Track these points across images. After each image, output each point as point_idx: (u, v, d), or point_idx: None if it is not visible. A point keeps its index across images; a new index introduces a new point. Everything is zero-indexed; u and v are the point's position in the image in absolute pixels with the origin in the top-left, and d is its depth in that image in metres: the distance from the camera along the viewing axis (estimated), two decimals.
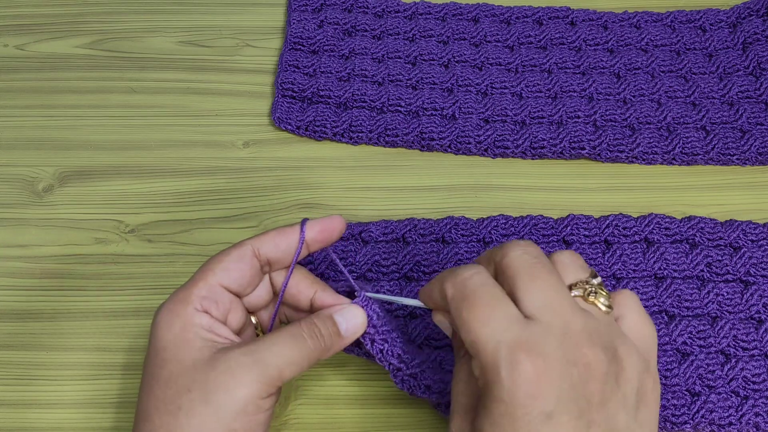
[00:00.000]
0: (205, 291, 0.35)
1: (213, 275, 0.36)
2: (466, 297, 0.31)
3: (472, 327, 0.30)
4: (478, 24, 0.60)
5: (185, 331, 0.34)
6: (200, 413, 0.32)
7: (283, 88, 0.55)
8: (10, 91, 0.57)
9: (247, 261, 0.37)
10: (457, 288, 0.32)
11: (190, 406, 0.32)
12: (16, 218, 0.50)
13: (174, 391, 0.33)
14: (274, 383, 0.33)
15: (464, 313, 0.31)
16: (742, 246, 0.47)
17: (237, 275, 0.36)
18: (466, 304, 0.31)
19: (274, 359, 0.33)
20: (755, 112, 0.53)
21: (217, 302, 0.36)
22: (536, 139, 0.52)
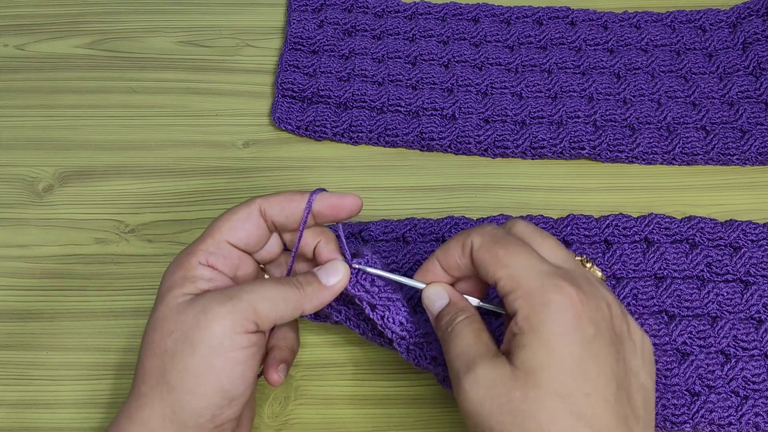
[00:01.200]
0: (212, 247, 0.36)
1: (220, 233, 0.37)
2: (499, 241, 0.34)
3: (511, 263, 0.33)
4: (478, 24, 0.60)
5: (183, 279, 0.35)
6: (182, 352, 0.33)
7: (283, 88, 0.55)
8: (10, 91, 0.57)
9: (254, 221, 0.37)
10: (486, 236, 0.35)
11: (174, 347, 0.33)
12: (16, 218, 0.50)
13: (159, 334, 0.34)
14: (248, 317, 0.34)
15: (501, 252, 0.33)
16: (742, 246, 0.47)
17: (243, 234, 0.37)
18: (500, 246, 0.34)
19: (247, 294, 0.34)
20: (755, 112, 0.53)
21: (225, 258, 0.37)
22: (536, 139, 0.52)
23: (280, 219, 0.38)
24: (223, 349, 0.33)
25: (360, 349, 0.44)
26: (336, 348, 0.44)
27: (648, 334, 0.43)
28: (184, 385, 0.33)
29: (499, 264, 0.33)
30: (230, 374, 0.33)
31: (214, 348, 0.33)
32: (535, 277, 0.32)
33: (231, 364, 0.33)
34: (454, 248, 0.36)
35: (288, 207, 0.38)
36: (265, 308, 0.34)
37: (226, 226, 0.37)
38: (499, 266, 0.33)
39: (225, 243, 0.37)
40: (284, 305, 0.35)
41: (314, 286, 0.37)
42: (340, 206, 0.38)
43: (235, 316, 0.33)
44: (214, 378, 0.33)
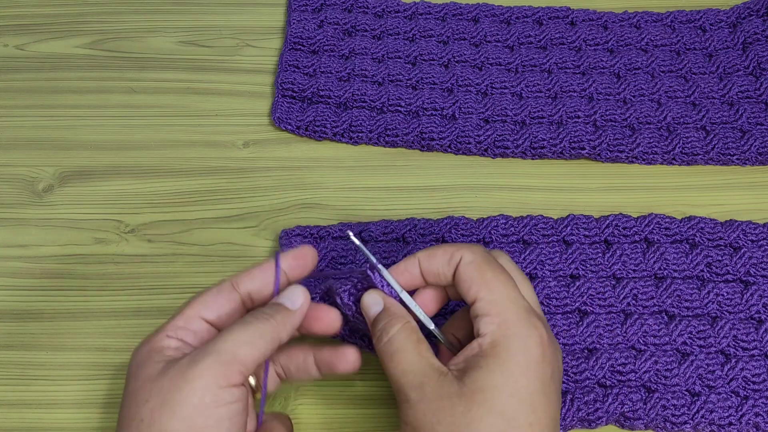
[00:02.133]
0: (181, 322, 0.35)
1: (190, 308, 0.36)
2: (490, 263, 0.35)
3: (496, 288, 0.34)
4: (478, 24, 0.60)
5: (151, 352, 0.34)
6: (159, 418, 0.31)
7: (283, 88, 0.55)
8: (10, 91, 0.57)
9: (225, 294, 0.37)
10: (478, 255, 0.36)
11: (150, 415, 0.32)
12: (16, 218, 0.50)
13: (134, 406, 0.32)
14: (230, 368, 0.32)
15: (489, 274, 0.35)
16: (742, 246, 0.47)
17: (215, 305, 0.36)
18: (490, 269, 0.35)
19: (224, 344, 0.33)
20: (755, 112, 0.53)
21: (195, 332, 0.35)
22: (536, 139, 0.52)
23: (254, 285, 0.37)
24: (205, 406, 0.31)
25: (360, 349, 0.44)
26: None
27: (648, 334, 0.43)
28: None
29: (485, 285, 0.34)
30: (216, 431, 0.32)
31: (196, 407, 0.31)
32: (515, 309, 0.34)
33: (215, 421, 0.32)
34: (440, 256, 0.36)
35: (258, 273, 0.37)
36: (246, 352, 0.33)
37: (198, 301, 0.36)
38: (484, 287, 0.34)
39: (196, 318, 0.36)
40: (263, 342, 0.34)
41: (282, 313, 0.35)
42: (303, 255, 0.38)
43: (217, 370, 0.32)
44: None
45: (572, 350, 0.43)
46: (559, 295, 0.45)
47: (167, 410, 0.31)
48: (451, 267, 0.36)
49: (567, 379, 0.42)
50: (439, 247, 0.37)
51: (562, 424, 0.40)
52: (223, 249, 0.48)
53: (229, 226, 0.49)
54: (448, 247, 0.36)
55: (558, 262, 0.46)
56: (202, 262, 0.48)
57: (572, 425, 0.41)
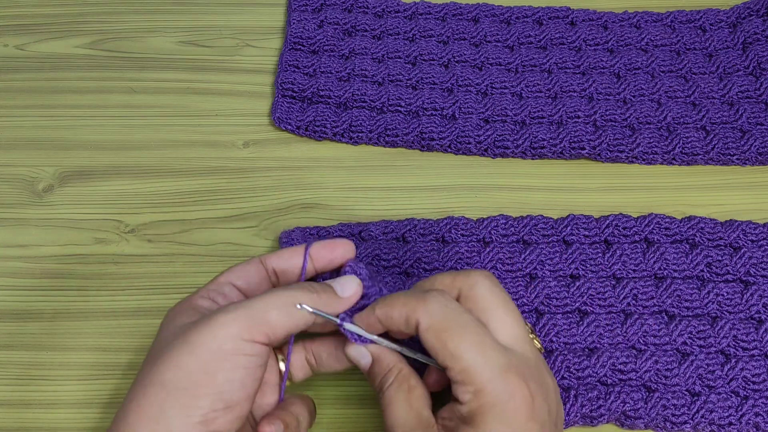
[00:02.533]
0: (213, 286, 0.37)
1: (221, 276, 0.37)
2: (449, 327, 0.32)
3: (463, 355, 0.32)
4: (478, 24, 0.60)
5: (183, 308, 0.35)
6: (178, 354, 0.32)
7: (283, 88, 0.55)
8: (10, 91, 0.57)
9: (253, 264, 0.38)
10: (434, 318, 0.33)
11: (170, 350, 0.32)
12: (16, 218, 0.50)
13: (158, 347, 0.33)
14: (257, 326, 0.32)
15: (450, 344, 0.32)
16: (742, 246, 0.47)
17: (243, 274, 0.37)
18: (450, 335, 0.32)
19: (258, 302, 0.33)
20: (755, 112, 0.53)
21: (224, 294, 0.36)
22: (536, 139, 0.52)
23: (280, 264, 0.38)
24: (223, 352, 0.32)
25: None
26: None
27: (648, 334, 0.43)
28: (176, 382, 0.31)
29: (448, 355, 0.32)
30: (229, 376, 0.32)
31: (214, 351, 0.32)
32: (488, 373, 0.31)
33: (230, 366, 0.32)
34: (396, 318, 0.34)
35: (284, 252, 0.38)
36: (278, 316, 0.33)
37: (226, 270, 0.38)
38: (448, 357, 0.32)
39: (225, 282, 0.37)
40: (298, 313, 0.34)
41: (328, 294, 0.35)
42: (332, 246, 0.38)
43: (243, 323, 0.32)
44: (209, 378, 0.31)
45: (573, 348, 0.43)
46: (559, 295, 0.45)
47: (186, 349, 0.32)
48: (410, 328, 0.33)
49: (569, 376, 0.42)
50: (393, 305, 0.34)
51: (565, 419, 0.40)
52: (223, 249, 0.48)
53: (229, 226, 0.49)
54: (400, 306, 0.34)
55: (558, 262, 0.46)
56: (202, 262, 0.48)
57: (575, 421, 0.41)
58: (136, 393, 0.32)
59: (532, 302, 0.44)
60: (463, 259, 0.46)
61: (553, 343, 0.43)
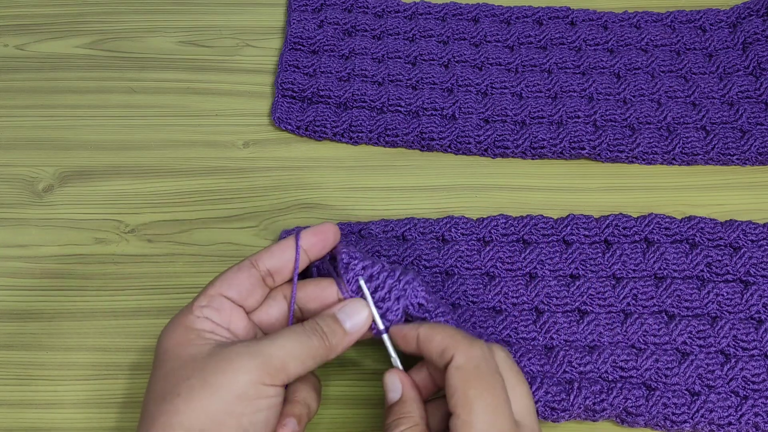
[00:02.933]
0: (205, 301, 0.36)
1: (212, 287, 0.37)
2: (481, 376, 0.33)
3: (476, 410, 0.32)
4: (478, 24, 0.60)
5: (186, 333, 0.34)
6: (199, 396, 0.31)
7: (283, 88, 0.55)
8: (10, 91, 0.57)
9: (245, 270, 0.37)
10: (471, 362, 0.33)
11: (189, 392, 0.32)
12: (16, 218, 0.50)
13: (173, 382, 0.32)
14: (277, 374, 0.33)
15: (471, 392, 0.32)
16: (742, 246, 0.47)
17: (235, 283, 0.37)
18: (478, 383, 0.32)
19: (277, 351, 0.33)
20: (755, 112, 0.53)
21: (219, 310, 0.36)
22: (536, 139, 0.52)
23: (273, 263, 0.38)
24: (247, 397, 0.32)
25: (360, 349, 0.44)
26: None
27: (648, 333, 0.43)
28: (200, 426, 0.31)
29: (465, 402, 0.32)
30: (252, 418, 0.32)
31: (238, 396, 0.32)
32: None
33: (253, 409, 0.32)
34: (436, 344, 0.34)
35: (277, 250, 0.38)
36: (295, 366, 0.34)
37: (218, 280, 0.37)
38: (463, 404, 0.32)
39: (218, 296, 0.36)
40: (312, 362, 0.35)
41: (338, 336, 0.36)
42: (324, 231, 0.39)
43: (263, 371, 0.32)
44: (233, 420, 0.31)
45: (574, 345, 0.43)
46: (559, 295, 0.45)
47: (208, 390, 0.32)
48: (442, 361, 0.34)
49: (571, 370, 0.42)
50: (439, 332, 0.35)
51: (568, 410, 0.40)
52: (223, 249, 0.48)
53: (229, 226, 0.49)
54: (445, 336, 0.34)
55: (558, 262, 0.46)
56: (202, 262, 0.48)
57: (577, 413, 0.40)
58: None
59: (532, 301, 0.44)
60: (463, 258, 0.46)
61: (553, 339, 0.43)
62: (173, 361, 0.33)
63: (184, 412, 0.31)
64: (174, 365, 0.33)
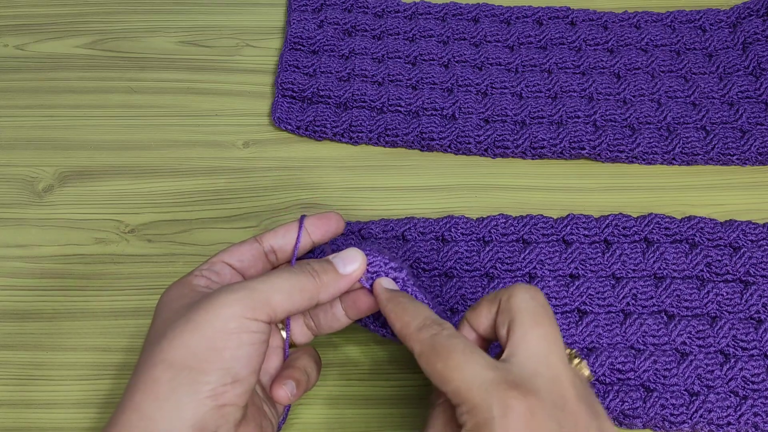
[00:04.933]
0: (206, 266, 0.37)
1: (214, 256, 0.38)
2: (437, 352, 0.32)
3: (451, 376, 0.31)
4: (478, 24, 0.60)
5: (182, 288, 0.35)
6: (181, 334, 0.32)
7: (283, 88, 0.55)
8: (10, 91, 0.57)
9: (248, 244, 0.38)
10: (423, 345, 0.33)
11: (173, 330, 0.32)
12: (16, 218, 0.50)
13: (162, 327, 0.33)
14: (260, 306, 0.33)
15: (439, 365, 0.31)
16: (742, 246, 0.47)
17: (236, 253, 0.38)
18: (438, 358, 0.32)
19: (261, 284, 0.34)
20: (755, 112, 0.53)
21: (218, 273, 0.37)
22: (536, 139, 0.52)
23: (277, 241, 0.38)
24: (228, 330, 0.32)
25: (360, 349, 0.44)
26: (336, 348, 0.44)
27: (647, 333, 0.43)
28: (183, 360, 0.31)
29: (441, 378, 0.31)
30: (234, 353, 0.32)
31: (219, 329, 0.32)
32: (479, 389, 0.30)
33: (236, 344, 0.32)
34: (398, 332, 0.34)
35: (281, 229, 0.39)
36: (280, 299, 0.33)
37: (221, 251, 0.38)
38: (441, 381, 0.31)
39: (219, 262, 0.37)
40: (299, 296, 0.34)
41: (330, 274, 0.36)
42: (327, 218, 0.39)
43: (246, 304, 0.33)
44: (215, 354, 0.32)
45: (572, 347, 0.43)
46: (559, 295, 0.45)
47: (190, 327, 0.32)
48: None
49: None
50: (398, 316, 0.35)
51: None
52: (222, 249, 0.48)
53: (229, 226, 0.49)
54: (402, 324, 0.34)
55: (558, 262, 0.46)
56: (202, 262, 0.48)
57: None
58: (142, 373, 0.32)
59: None
60: (463, 258, 0.46)
61: None
62: (165, 313, 0.34)
63: (168, 349, 0.32)
64: (165, 315, 0.34)
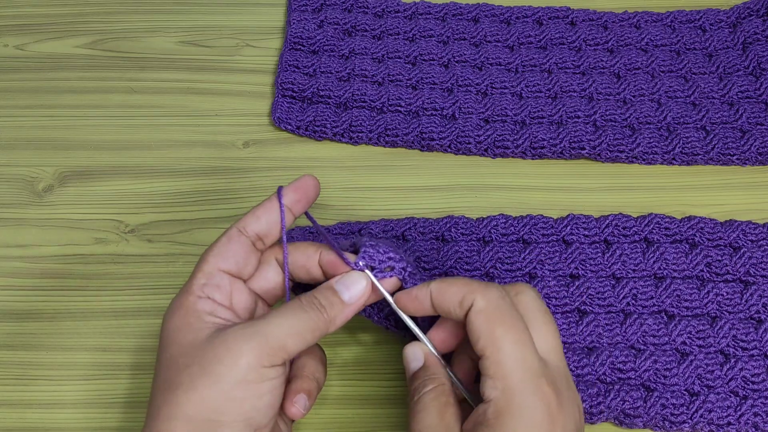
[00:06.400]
0: (203, 279, 0.36)
1: (207, 263, 0.36)
2: (502, 315, 0.33)
3: (504, 347, 0.32)
4: (478, 24, 0.60)
5: (187, 316, 0.34)
6: (200, 385, 0.32)
7: (283, 88, 0.55)
8: (10, 91, 0.57)
9: (235, 240, 0.37)
10: (491, 303, 0.33)
11: (189, 381, 0.32)
12: (16, 218, 0.50)
13: (174, 371, 0.33)
14: (276, 353, 0.33)
15: (498, 331, 0.32)
16: (741, 246, 0.47)
17: (230, 255, 0.37)
18: (500, 322, 0.33)
19: (274, 329, 0.33)
20: (755, 112, 0.53)
21: (219, 286, 0.36)
22: (536, 139, 0.52)
23: (261, 226, 0.37)
24: (247, 381, 0.32)
25: (360, 349, 0.44)
26: (336, 348, 0.44)
27: (647, 333, 0.43)
28: (202, 415, 0.31)
29: (492, 342, 0.32)
30: (255, 403, 0.32)
31: (238, 382, 0.32)
32: (521, 373, 0.32)
33: (256, 394, 0.32)
34: (452, 295, 0.34)
35: (262, 213, 0.38)
36: (294, 342, 0.33)
37: (212, 254, 0.37)
38: (491, 344, 0.32)
39: (216, 271, 0.36)
40: (311, 336, 0.34)
41: (337, 307, 0.35)
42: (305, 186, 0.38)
43: (262, 353, 0.32)
44: (235, 406, 0.32)
45: (572, 347, 0.43)
46: (559, 295, 0.45)
47: (208, 379, 0.32)
48: (462, 309, 0.34)
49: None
50: (453, 283, 0.35)
51: None
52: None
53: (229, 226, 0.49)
54: (461, 285, 0.34)
55: (558, 262, 0.46)
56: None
57: None
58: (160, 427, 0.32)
59: None
60: (463, 258, 0.46)
61: None
62: (174, 347, 0.34)
63: (185, 403, 0.31)
64: (174, 352, 0.34)
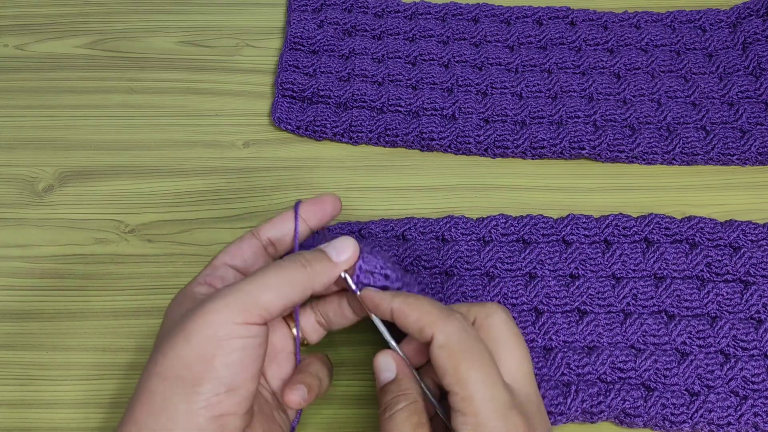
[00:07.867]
0: (209, 270, 0.37)
1: (216, 259, 0.38)
2: (466, 350, 0.32)
3: (471, 384, 0.32)
4: (478, 24, 0.60)
5: (184, 299, 0.36)
6: (174, 346, 0.32)
7: (283, 88, 0.55)
8: (10, 91, 0.57)
9: (247, 241, 0.38)
10: (452, 338, 0.33)
11: (167, 342, 0.32)
12: (16, 218, 0.50)
13: (159, 342, 0.34)
14: (249, 309, 0.32)
15: (462, 368, 0.32)
16: (742, 246, 0.47)
17: (238, 253, 0.38)
18: (463, 359, 0.32)
19: (248, 286, 0.33)
20: (755, 112, 0.53)
21: (222, 278, 0.37)
22: (536, 139, 0.52)
23: (274, 233, 0.38)
24: (218, 338, 0.32)
25: (360, 349, 0.44)
26: (336, 348, 0.44)
27: (647, 333, 0.43)
28: (175, 371, 0.31)
29: (458, 380, 0.32)
30: (226, 361, 0.32)
31: (209, 338, 0.31)
32: (491, 411, 0.31)
33: (226, 351, 0.31)
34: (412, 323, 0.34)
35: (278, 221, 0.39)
36: (270, 297, 0.33)
37: (221, 252, 0.38)
38: (456, 382, 0.32)
39: (221, 264, 0.37)
40: (290, 290, 0.34)
41: (323, 263, 0.35)
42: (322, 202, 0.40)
43: (235, 308, 0.32)
44: (206, 364, 0.31)
45: (573, 347, 0.43)
46: (559, 295, 0.45)
47: (182, 338, 0.32)
48: (421, 338, 0.33)
49: (569, 372, 0.42)
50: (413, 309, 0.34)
51: (565, 413, 0.40)
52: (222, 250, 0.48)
53: (229, 226, 0.49)
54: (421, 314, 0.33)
55: (558, 262, 0.46)
56: (202, 262, 0.48)
57: (575, 416, 0.41)
58: (140, 387, 0.32)
59: (532, 301, 0.44)
60: (463, 258, 0.46)
61: (552, 341, 0.43)
62: (166, 325, 0.35)
63: (161, 362, 0.32)
64: (165, 326, 0.35)
